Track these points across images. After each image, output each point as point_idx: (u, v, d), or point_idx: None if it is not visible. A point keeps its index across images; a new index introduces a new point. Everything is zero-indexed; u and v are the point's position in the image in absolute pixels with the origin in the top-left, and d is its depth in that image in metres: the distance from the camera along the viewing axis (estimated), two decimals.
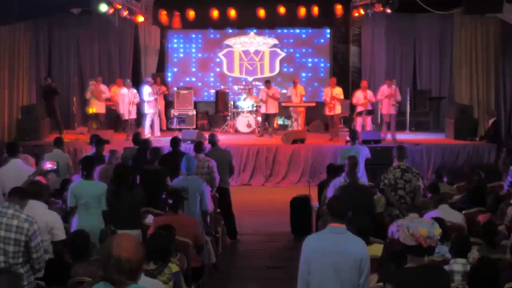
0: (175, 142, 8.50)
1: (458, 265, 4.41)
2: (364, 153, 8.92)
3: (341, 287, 3.71)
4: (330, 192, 7.23)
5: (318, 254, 3.74)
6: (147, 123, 13.73)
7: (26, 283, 4.45)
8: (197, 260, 5.86)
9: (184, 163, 6.73)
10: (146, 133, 13.43)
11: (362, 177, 8.58)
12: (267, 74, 17.01)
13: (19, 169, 6.67)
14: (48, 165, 6.62)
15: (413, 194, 6.91)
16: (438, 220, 5.15)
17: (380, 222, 6.34)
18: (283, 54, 17.13)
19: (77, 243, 4.65)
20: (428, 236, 3.22)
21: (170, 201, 5.84)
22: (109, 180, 6.40)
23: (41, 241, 4.53)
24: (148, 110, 13.64)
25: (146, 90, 13.56)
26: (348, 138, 10.50)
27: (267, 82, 14.62)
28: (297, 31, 17.06)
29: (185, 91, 16.00)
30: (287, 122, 15.96)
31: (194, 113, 15.60)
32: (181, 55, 17.24)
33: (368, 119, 13.79)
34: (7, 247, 4.34)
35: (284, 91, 15.96)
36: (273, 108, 14.24)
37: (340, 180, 7.24)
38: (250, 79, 17.16)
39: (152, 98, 13.60)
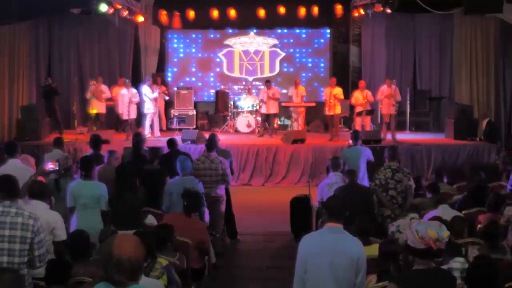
0: (171, 143, 8.57)
1: (456, 263, 4.42)
2: (366, 154, 8.91)
3: (338, 286, 3.71)
4: (324, 194, 7.31)
5: (315, 253, 3.74)
6: (147, 123, 13.73)
7: (26, 284, 4.43)
8: (198, 261, 5.86)
9: (178, 165, 6.76)
10: (146, 133, 13.40)
11: (364, 178, 8.60)
12: (267, 74, 17.01)
13: (17, 169, 6.63)
14: (50, 166, 6.61)
15: (405, 194, 6.87)
16: (440, 221, 5.16)
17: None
18: (283, 54, 17.14)
19: (77, 243, 4.65)
20: (437, 239, 3.18)
21: (185, 203, 5.85)
22: (115, 181, 6.39)
23: (44, 238, 4.52)
24: (148, 110, 13.63)
25: (146, 90, 13.56)
26: (350, 142, 10.47)
27: (267, 82, 14.61)
28: (297, 31, 17.06)
29: (185, 91, 16.00)
30: (287, 122, 15.95)
31: (194, 113, 15.59)
32: (181, 55, 17.24)
33: (368, 119, 13.80)
34: (13, 245, 4.30)
35: (284, 91, 15.97)
36: (273, 108, 14.23)
37: (327, 182, 7.38)
38: (250, 79, 17.16)
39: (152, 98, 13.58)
